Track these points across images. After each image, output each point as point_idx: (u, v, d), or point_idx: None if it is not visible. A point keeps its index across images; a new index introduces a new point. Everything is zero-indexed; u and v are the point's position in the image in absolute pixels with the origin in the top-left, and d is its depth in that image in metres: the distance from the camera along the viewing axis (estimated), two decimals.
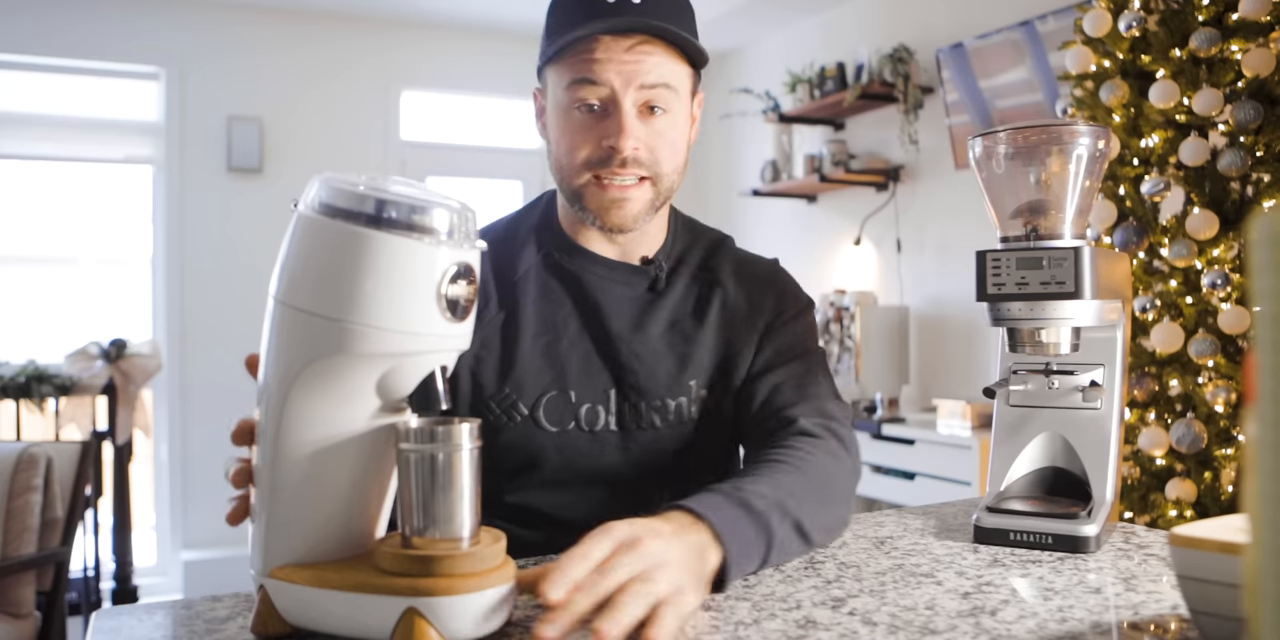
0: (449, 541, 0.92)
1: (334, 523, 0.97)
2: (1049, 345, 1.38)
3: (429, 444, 0.92)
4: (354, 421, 0.94)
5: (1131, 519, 2.87)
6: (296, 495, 0.96)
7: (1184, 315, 2.86)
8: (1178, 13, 2.92)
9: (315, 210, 0.91)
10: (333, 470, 0.95)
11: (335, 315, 0.89)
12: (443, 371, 0.96)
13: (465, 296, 0.94)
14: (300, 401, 0.93)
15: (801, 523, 1.23)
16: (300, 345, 0.92)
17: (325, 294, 0.90)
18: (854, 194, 5.65)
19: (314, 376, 0.92)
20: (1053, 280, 1.32)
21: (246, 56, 5.92)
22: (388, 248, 0.89)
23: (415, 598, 0.89)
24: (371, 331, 0.89)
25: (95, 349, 4.85)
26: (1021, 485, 1.47)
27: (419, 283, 0.91)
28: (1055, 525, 1.34)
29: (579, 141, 1.45)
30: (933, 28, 5.09)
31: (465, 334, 0.97)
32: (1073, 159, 1.37)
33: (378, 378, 0.93)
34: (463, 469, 0.92)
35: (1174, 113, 2.92)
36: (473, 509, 0.93)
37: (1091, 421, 1.45)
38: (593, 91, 1.42)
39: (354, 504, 0.98)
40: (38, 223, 5.68)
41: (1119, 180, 3.01)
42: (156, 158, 5.80)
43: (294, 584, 0.94)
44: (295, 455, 0.95)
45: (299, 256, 0.92)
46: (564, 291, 1.55)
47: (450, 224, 0.92)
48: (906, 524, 1.51)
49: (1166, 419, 2.91)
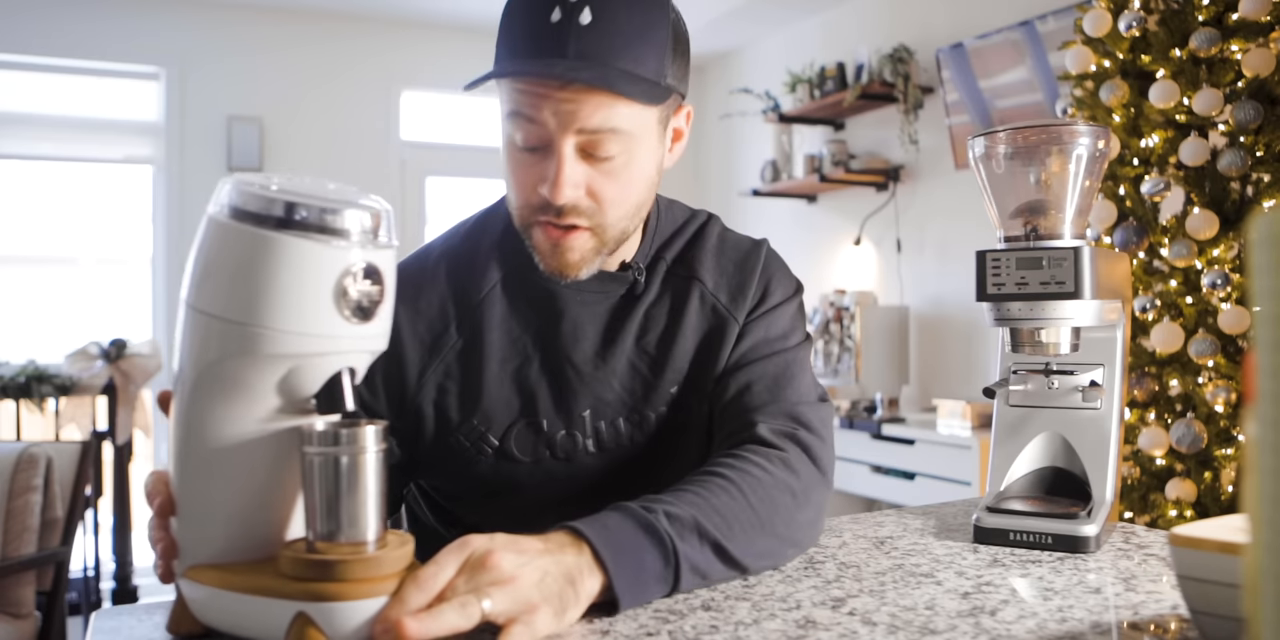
0: (352, 545, 0.91)
1: (241, 525, 0.97)
2: (1049, 345, 1.38)
3: (333, 447, 0.91)
4: (258, 423, 0.94)
5: (1131, 519, 2.87)
6: (204, 496, 0.96)
7: (1184, 315, 2.87)
8: (1178, 13, 2.92)
9: (222, 213, 0.91)
10: (238, 472, 0.95)
11: (238, 319, 0.89)
12: (351, 373, 0.95)
13: (370, 297, 0.93)
14: (205, 403, 0.93)
15: (725, 546, 1.13)
16: (205, 348, 0.92)
17: (230, 298, 0.89)
18: (854, 194, 5.65)
19: (217, 378, 0.92)
20: (1053, 280, 1.32)
21: (247, 56, 5.92)
22: (288, 250, 0.89)
23: (307, 602, 0.89)
24: (273, 334, 0.89)
25: (95, 349, 4.85)
26: (1021, 485, 1.47)
27: (318, 285, 0.90)
28: (1055, 525, 1.34)
29: (521, 180, 1.29)
30: (933, 28, 5.09)
31: (375, 335, 0.96)
32: (1073, 159, 1.37)
33: (279, 378, 0.93)
34: (367, 472, 0.91)
35: (1174, 113, 2.92)
36: (378, 513, 0.93)
37: (1091, 421, 1.45)
38: (530, 129, 1.24)
39: (261, 507, 0.97)
40: (38, 223, 5.69)
41: (1119, 180, 3.01)
42: (156, 158, 5.81)
43: (202, 585, 0.94)
44: (201, 456, 0.95)
45: (206, 260, 0.92)
46: (532, 310, 1.41)
47: (359, 225, 0.92)
48: (906, 524, 1.51)
49: (1166, 419, 2.91)
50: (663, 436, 1.43)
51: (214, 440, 0.94)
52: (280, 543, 0.98)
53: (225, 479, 0.95)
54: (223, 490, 0.96)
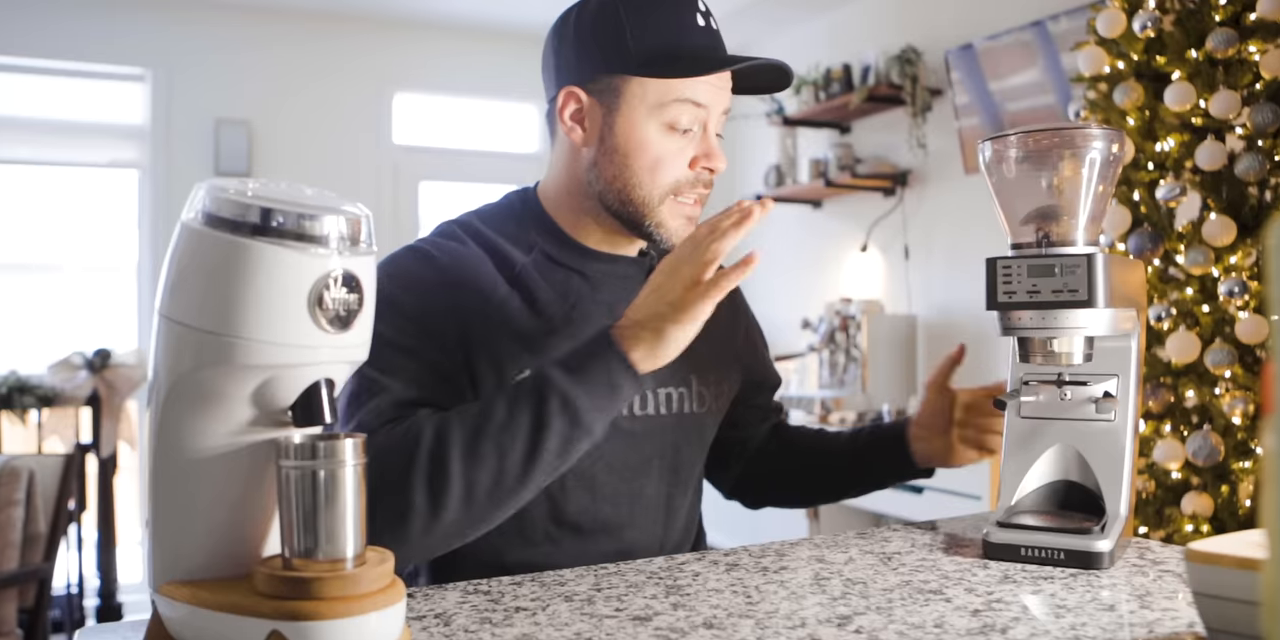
0: (330, 563, 0.90)
1: (216, 539, 0.97)
2: (1061, 355, 1.38)
3: (310, 460, 0.90)
4: (233, 435, 0.94)
5: (1146, 534, 2.86)
6: (178, 510, 0.96)
7: (1200, 324, 2.86)
8: (1194, 13, 2.92)
9: (196, 220, 0.91)
10: (213, 486, 0.95)
11: (212, 328, 0.89)
12: (329, 385, 0.95)
13: (348, 306, 0.93)
14: (179, 414, 0.93)
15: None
16: (179, 359, 0.92)
17: (203, 307, 0.89)
18: (860, 199, 5.66)
19: (191, 389, 0.92)
20: (1065, 288, 1.32)
21: (235, 57, 5.93)
22: (263, 257, 0.89)
23: (282, 621, 0.88)
24: (247, 344, 0.89)
25: (79, 359, 4.85)
26: (1033, 499, 1.47)
27: (294, 293, 0.90)
28: (1067, 541, 1.34)
29: (667, 160, 1.49)
30: (941, 28, 5.10)
31: (354, 345, 0.95)
32: (1085, 163, 1.37)
33: (254, 389, 0.92)
34: (346, 486, 0.91)
35: (1190, 115, 2.92)
36: (356, 528, 0.92)
37: (1105, 434, 1.44)
38: (696, 114, 1.48)
39: (236, 521, 0.97)
40: (19, 229, 5.69)
41: (1133, 185, 3.01)
42: (142, 162, 5.81)
43: (177, 601, 0.94)
44: (175, 469, 0.95)
45: (179, 268, 0.92)
46: (566, 284, 1.54)
47: (337, 231, 0.92)
48: (914, 539, 1.51)
49: (1182, 431, 2.91)
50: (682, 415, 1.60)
51: (188, 453, 0.94)
52: (257, 559, 0.98)
53: (200, 492, 0.95)
54: (198, 504, 0.96)
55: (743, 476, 1.85)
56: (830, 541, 1.49)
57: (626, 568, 1.36)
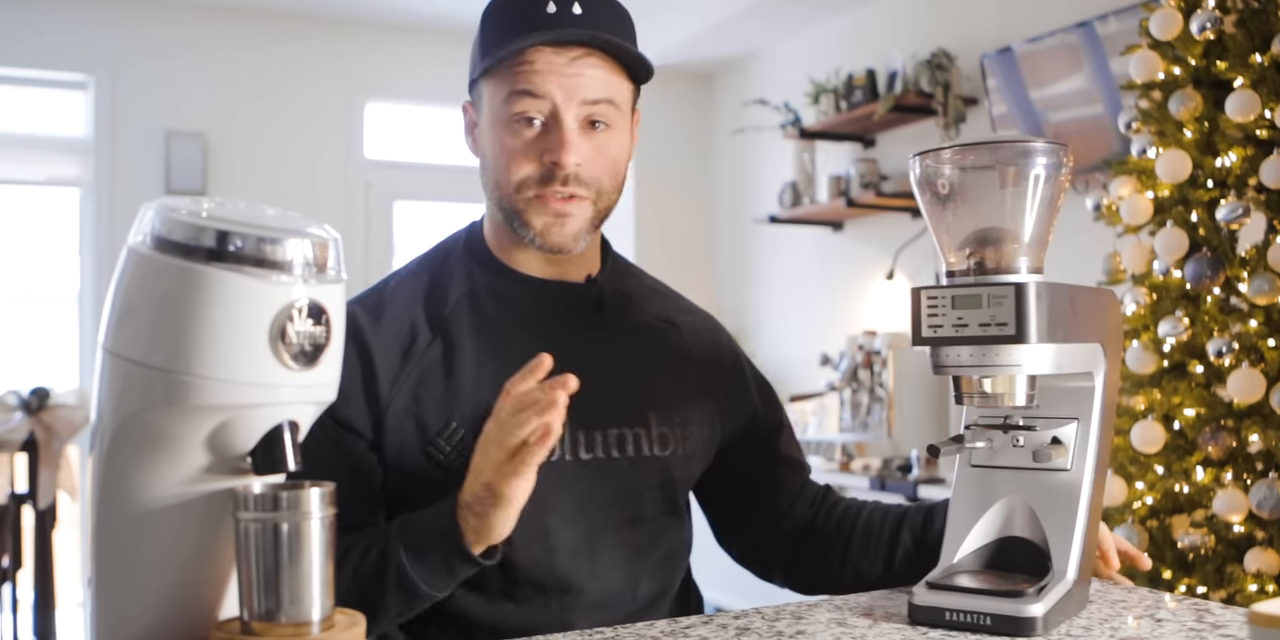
0: (293, 626, 0.90)
1: (166, 600, 0.96)
2: (997, 396, 1.36)
3: (271, 512, 0.90)
4: (186, 484, 0.93)
5: (1205, 594, 2.86)
6: (124, 567, 0.95)
7: (1265, 360, 2.86)
8: (1258, 12, 2.93)
9: (144, 244, 0.91)
10: (163, 540, 0.94)
11: (162, 365, 0.88)
12: (292, 428, 0.95)
13: (314, 340, 0.93)
14: (126, 461, 0.92)
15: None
16: (126, 398, 0.91)
17: (152, 341, 0.89)
18: (886, 220, 5.66)
19: (139, 432, 0.91)
20: (993, 321, 1.30)
21: (187, 62, 5.96)
22: (219, 286, 0.88)
23: None
24: (202, 382, 0.88)
25: (13, 399, 4.84)
26: (975, 558, 1.46)
27: (254, 325, 0.89)
28: (995, 604, 1.32)
29: (519, 157, 1.55)
30: (977, 30, 5.11)
31: (320, 383, 0.95)
32: (1030, 181, 1.36)
33: (209, 433, 0.92)
34: (312, 541, 0.91)
35: (1254, 127, 2.92)
36: (324, 588, 0.92)
37: (1058, 485, 1.43)
38: (533, 105, 1.53)
39: (189, 581, 0.97)
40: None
41: (1190, 205, 3.01)
42: (84, 179, 5.83)
43: None
44: (121, 522, 0.94)
45: (126, 297, 0.91)
46: (501, 318, 1.61)
47: (302, 257, 0.92)
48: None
49: (1245, 479, 2.90)
50: (640, 458, 1.63)
51: (136, 503, 0.93)
52: (212, 622, 0.97)
53: (149, 548, 0.94)
54: (146, 561, 0.95)
55: (780, 552, 1.78)
56: (852, 602, 1.49)
57: (625, 631, 1.36)
